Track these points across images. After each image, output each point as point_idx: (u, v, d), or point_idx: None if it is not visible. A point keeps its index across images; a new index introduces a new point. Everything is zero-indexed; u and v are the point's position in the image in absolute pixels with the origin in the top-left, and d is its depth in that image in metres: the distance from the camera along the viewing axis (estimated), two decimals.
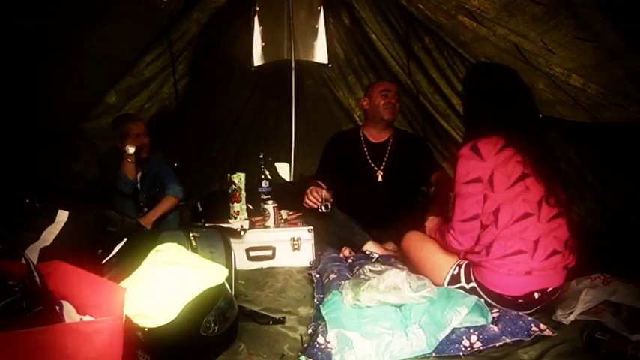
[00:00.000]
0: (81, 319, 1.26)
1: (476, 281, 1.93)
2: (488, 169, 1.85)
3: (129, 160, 2.96)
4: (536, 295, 1.85)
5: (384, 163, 2.98)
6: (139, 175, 3.14)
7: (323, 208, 2.68)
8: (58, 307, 1.24)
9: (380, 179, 2.96)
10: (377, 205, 2.91)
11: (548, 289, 1.86)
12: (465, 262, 1.99)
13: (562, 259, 1.86)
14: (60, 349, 1.07)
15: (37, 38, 2.21)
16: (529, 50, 2.05)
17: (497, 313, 1.78)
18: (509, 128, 1.88)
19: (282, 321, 1.91)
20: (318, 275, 2.39)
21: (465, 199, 1.90)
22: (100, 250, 1.84)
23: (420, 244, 2.22)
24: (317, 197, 2.69)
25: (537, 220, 1.83)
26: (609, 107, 2.00)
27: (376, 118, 2.96)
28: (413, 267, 2.22)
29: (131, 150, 2.93)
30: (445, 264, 2.04)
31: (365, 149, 3.01)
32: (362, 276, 1.99)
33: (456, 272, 1.99)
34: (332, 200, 2.72)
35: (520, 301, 1.85)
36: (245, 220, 2.91)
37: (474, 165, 1.86)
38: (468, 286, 1.94)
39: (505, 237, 1.84)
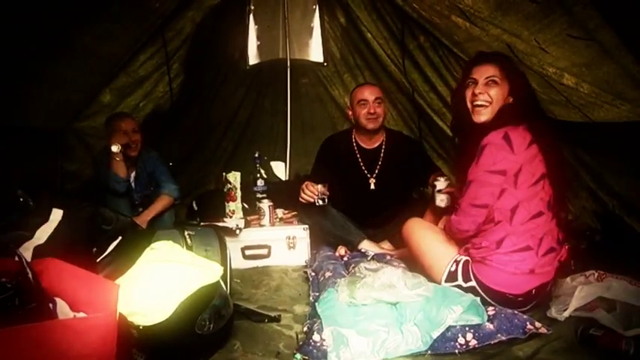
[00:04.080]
0: (74, 315, 1.25)
1: (476, 279, 1.91)
2: (517, 164, 1.80)
3: (116, 159, 2.94)
4: (533, 291, 1.87)
5: (376, 171, 2.96)
6: (132, 174, 3.13)
7: (320, 201, 2.68)
8: (51, 304, 1.23)
9: (372, 187, 2.95)
10: (370, 209, 2.91)
11: (543, 284, 1.89)
12: (464, 258, 1.97)
13: (556, 254, 1.90)
14: (53, 345, 1.07)
15: (31, 36, 2.19)
16: (522, 50, 2.05)
17: (493, 312, 1.78)
18: (535, 121, 1.88)
19: (277, 319, 1.91)
20: (313, 273, 2.39)
21: (482, 186, 1.85)
22: (95, 249, 1.82)
23: (422, 233, 2.18)
24: (313, 191, 2.69)
25: (547, 220, 1.85)
26: (602, 106, 2.01)
27: (361, 128, 2.95)
28: (411, 255, 2.22)
29: (114, 148, 2.91)
30: (443, 257, 2.02)
31: (358, 155, 2.99)
32: (357, 274, 1.99)
33: (453, 269, 1.97)
34: (328, 194, 2.71)
35: (520, 299, 1.86)
36: (241, 218, 2.91)
37: (503, 156, 1.80)
38: (465, 285, 1.92)
39: (517, 233, 1.83)
